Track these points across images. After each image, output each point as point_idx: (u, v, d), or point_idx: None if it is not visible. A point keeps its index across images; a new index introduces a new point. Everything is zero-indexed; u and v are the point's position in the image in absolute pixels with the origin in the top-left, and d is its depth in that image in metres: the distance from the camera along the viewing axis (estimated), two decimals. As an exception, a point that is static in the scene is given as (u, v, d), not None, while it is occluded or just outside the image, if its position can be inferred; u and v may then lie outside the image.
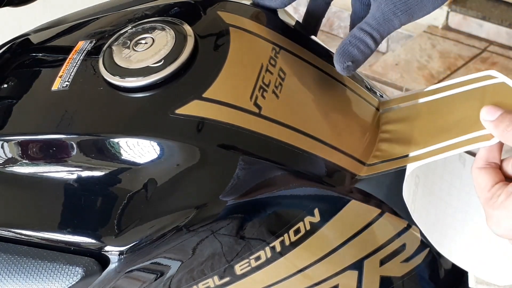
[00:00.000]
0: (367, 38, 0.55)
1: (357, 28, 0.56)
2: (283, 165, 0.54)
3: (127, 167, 0.54)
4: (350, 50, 0.55)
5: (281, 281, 0.59)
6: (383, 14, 0.54)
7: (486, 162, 0.52)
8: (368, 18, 0.55)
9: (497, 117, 0.51)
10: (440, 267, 0.67)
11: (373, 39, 0.55)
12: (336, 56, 0.56)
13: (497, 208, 0.50)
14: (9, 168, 0.57)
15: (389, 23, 0.55)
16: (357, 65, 0.56)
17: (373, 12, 0.55)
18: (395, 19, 0.54)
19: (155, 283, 0.57)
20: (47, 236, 0.55)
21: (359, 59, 0.55)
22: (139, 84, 0.54)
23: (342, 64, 0.55)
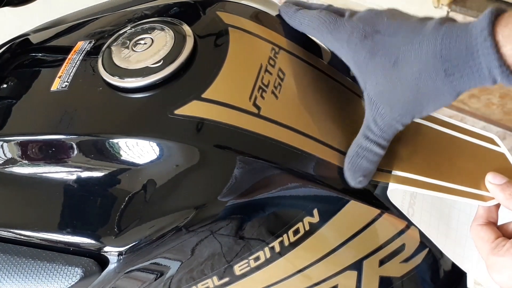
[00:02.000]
0: (373, 146, 0.54)
1: (362, 137, 0.54)
2: (282, 165, 0.54)
3: (127, 168, 0.54)
4: (360, 163, 0.55)
5: (281, 281, 0.59)
6: (384, 120, 0.52)
7: (487, 220, 0.56)
8: (369, 123, 0.53)
9: (503, 182, 0.54)
10: (439, 267, 0.67)
11: (379, 146, 0.54)
12: (347, 172, 0.55)
13: (502, 255, 0.52)
14: (9, 168, 0.57)
15: (392, 127, 0.53)
16: (370, 176, 0.56)
17: (373, 115, 0.53)
18: (396, 123, 0.52)
19: (154, 284, 0.57)
20: (46, 236, 0.55)
21: (371, 169, 0.55)
22: (138, 84, 0.54)
23: (355, 180, 0.55)
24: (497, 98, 1.84)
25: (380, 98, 0.52)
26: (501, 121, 1.75)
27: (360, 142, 0.54)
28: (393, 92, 0.51)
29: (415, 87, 0.50)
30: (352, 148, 0.55)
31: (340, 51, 0.54)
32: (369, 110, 0.53)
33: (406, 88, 0.50)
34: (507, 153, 0.58)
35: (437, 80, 0.49)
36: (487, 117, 1.75)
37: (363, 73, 0.53)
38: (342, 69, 0.64)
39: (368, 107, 0.53)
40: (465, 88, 0.49)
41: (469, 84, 0.48)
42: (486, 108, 1.80)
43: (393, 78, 0.51)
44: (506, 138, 1.71)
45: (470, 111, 1.80)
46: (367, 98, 0.53)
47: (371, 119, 0.53)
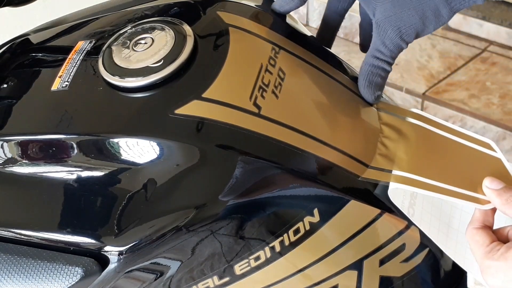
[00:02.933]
0: (384, 64, 0.60)
1: (372, 57, 0.60)
2: (283, 165, 0.54)
3: (127, 167, 0.54)
4: (375, 79, 0.60)
5: (281, 281, 0.59)
6: (392, 40, 0.58)
7: (483, 224, 0.57)
8: (378, 45, 0.59)
9: (500, 187, 0.56)
10: (440, 267, 0.67)
11: (389, 64, 0.60)
12: (364, 89, 0.61)
13: (497, 259, 0.53)
14: (9, 168, 0.57)
15: (399, 46, 0.59)
16: (382, 91, 0.62)
17: (381, 38, 0.59)
18: (403, 42, 0.59)
19: (154, 283, 0.57)
20: (46, 236, 0.55)
21: (383, 85, 0.61)
22: (139, 84, 0.54)
23: (372, 95, 0.61)
24: (497, 98, 1.84)
25: (389, 22, 0.58)
26: (501, 121, 1.75)
27: (371, 61, 0.60)
28: (401, 16, 0.57)
29: (420, 11, 0.57)
30: (364, 68, 0.60)
31: None
32: (377, 35, 0.59)
33: (413, 12, 0.57)
34: (503, 158, 0.59)
35: (438, 3, 0.57)
36: (487, 117, 1.76)
37: (372, 2, 0.58)
38: (342, 68, 0.64)
39: (377, 31, 0.59)
40: (460, 7, 0.58)
41: (463, 4, 0.57)
42: (486, 108, 1.80)
43: (401, 4, 0.57)
44: (506, 138, 1.72)
45: (470, 111, 1.80)
46: (375, 24, 0.59)
47: (380, 42, 0.59)
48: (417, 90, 1.92)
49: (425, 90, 1.91)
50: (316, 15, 2.28)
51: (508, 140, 1.73)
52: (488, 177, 0.57)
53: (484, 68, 1.96)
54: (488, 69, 1.95)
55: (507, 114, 1.76)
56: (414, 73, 1.98)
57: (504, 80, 1.90)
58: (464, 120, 1.79)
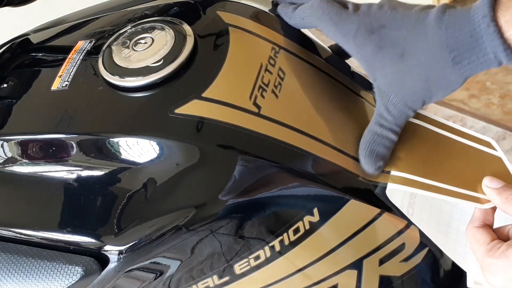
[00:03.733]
0: (388, 133, 0.56)
1: (376, 124, 0.56)
2: (282, 164, 0.54)
3: (127, 167, 0.54)
4: (377, 149, 0.56)
5: (281, 280, 0.59)
6: (396, 107, 0.54)
7: (483, 223, 0.57)
8: (382, 112, 0.55)
9: (500, 186, 0.56)
10: (439, 266, 0.67)
11: (394, 132, 0.56)
12: (365, 159, 0.57)
13: (498, 257, 0.53)
14: (9, 167, 0.58)
15: (405, 114, 0.55)
16: (386, 162, 0.57)
17: (385, 104, 0.55)
18: (408, 110, 0.55)
19: (154, 283, 0.57)
20: (46, 235, 0.55)
21: (387, 155, 0.57)
22: (139, 83, 0.54)
23: (374, 166, 0.57)
24: (497, 98, 1.84)
25: (391, 88, 0.54)
26: (501, 121, 1.75)
27: (375, 130, 0.56)
28: (403, 82, 0.53)
29: (424, 77, 0.52)
30: (366, 136, 0.56)
31: (346, 45, 0.56)
32: (380, 99, 0.55)
33: (416, 78, 0.52)
34: (503, 157, 0.59)
35: (445, 69, 0.51)
36: (487, 117, 1.75)
37: (371, 66, 0.54)
38: (342, 68, 0.64)
39: (379, 96, 0.55)
40: (472, 73, 0.51)
41: (476, 70, 0.50)
42: (486, 108, 1.80)
43: (402, 70, 0.52)
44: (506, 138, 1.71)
45: (470, 111, 1.80)
46: (377, 88, 0.55)
47: (383, 108, 0.55)
48: (417, 90, 1.92)
49: (425, 90, 1.91)
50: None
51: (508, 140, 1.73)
52: (487, 176, 0.57)
53: (484, 68, 1.96)
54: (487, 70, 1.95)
55: (507, 114, 1.76)
56: (414, 73, 1.97)
57: (504, 80, 1.90)
58: (464, 120, 1.78)
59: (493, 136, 1.72)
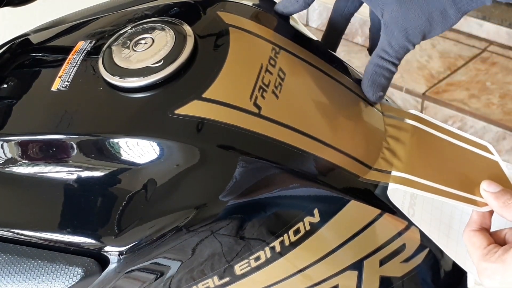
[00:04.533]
0: (389, 65, 0.59)
1: (377, 57, 0.59)
2: (283, 165, 0.54)
3: (127, 168, 0.54)
4: (378, 79, 0.60)
5: (281, 281, 0.59)
6: (398, 41, 0.58)
7: (480, 226, 0.57)
8: (384, 46, 0.59)
9: (498, 191, 0.57)
10: (440, 267, 0.67)
11: (394, 65, 0.59)
12: (367, 88, 0.60)
13: (494, 261, 0.54)
14: (9, 168, 0.57)
15: (405, 47, 0.58)
16: (385, 92, 0.61)
17: (387, 39, 0.58)
18: (409, 43, 0.58)
19: (155, 283, 0.57)
20: (47, 236, 0.55)
21: (387, 85, 0.60)
22: (139, 84, 0.54)
23: (375, 95, 0.60)
24: (497, 98, 1.84)
25: (395, 23, 0.57)
26: (501, 121, 1.75)
27: (376, 61, 0.59)
28: (407, 17, 0.57)
29: (427, 12, 0.57)
30: (369, 68, 0.60)
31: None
32: (385, 35, 0.59)
33: (419, 13, 0.57)
34: (500, 161, 0.60)
35: (445, 3, 0.56)
36: (487, 117, 1.76)
37: (379, 4, 0.58)
38: (342, 68, 0.64)
39: (384, 32, 0.59)
40: (468, 8, 0.56)
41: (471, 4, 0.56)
42: (486, 108, 1.80)
43: (406, 4, 0.57)
44: (506, 138, 1.72)
45: (470, 111, 1.80)
46: (383, 25, 0.59)
47: (386, 43, 0.58)
48: (417, 90, 1.92)
49: (425, 90, 1.91)
50: (316, 15, 2.28)
51: (508, 140, 1.73)
52: (485, 180, 0.57)
53: (484, 68, 1.96)
54: (488, 69, 1.95)
55: (507, 114, 1.76)
56: (414, 73, 1.98)
57: (504, 80, 1.90)
58: (464, 120, 1.78)
59: (493, 136, 1.72)
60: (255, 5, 0.63)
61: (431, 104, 1.88)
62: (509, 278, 0.53)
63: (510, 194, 0.56)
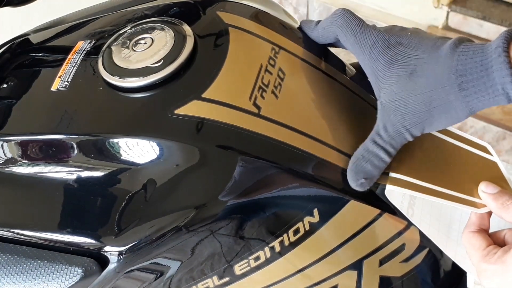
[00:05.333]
0: (380, 152, 0.55)
1: (370, 141, 0.55)
2: (282, 165, 0.54)
3: (127, 168, 0.54)
4: (364, 166, 0.55)
5: (281, 281, 0.59)
6: (394, 127, 0.53)
7: (479, 228, 0.57)
8: (379, 129, 0.55)
9: (496, 192, 0.56)
10: (439, 267, 0.67)
11: (386, 153, 0.55)
12: (349, 173, 0.55)
13: (493, 263, 0.54)
14: (9, 168, 0.58)
15: (401, 136, 0.54)
16: (372, 181, 0.56)
17: (383, 122, 0.54)
18: (406, 132, 0.53)
19: (154, 283, 0.57)
20: (46, 236, 0.55)
21: (374, 174, 0.55)
22: (139, 84, 0.54)
23: (356, 182, 0.55)
24: (497, 98, 1.83)
25: (393, 106, 0.53)
26: (501, 121, 1.75)
27: (367, 146, 0.55)
28: (406, 101, 0.52)
29: (428, 99, 0.51)
30: (358, 150, 0.56)
31: (361, 56, 0.56)
32: (381, 117, 0.54)
33: (420, 99, 0.51)
34: (499, 162, 0.60)
35: (450, 93, 0.50)
36: (487, 117, 1.75)
37: (379, 81, 0.54)
38: (342, 68, 0.64)
39: (380, 113, 0.54)
40: (478, 105, 0.50)
41: (482, 101, 0.49)
42: (486, 108, 1.79)
43: (408, 88, 0.52)
44: (506, 138, 1.71)
45: (470, 111, 1.79)
46: (380, 105, 0.54)
47: (382, 126, 0.54)
48: (417, 90, 1.92)
49: (425, 90, 1.91)
50: (316, 15, 2.28)
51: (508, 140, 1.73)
52: (484, 181, 0.57)
53: (484, 68, 1.96)
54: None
55: (507, 114, 1.76)
56: (414, 73, 1.97)
57: (504, 80, 1.90)
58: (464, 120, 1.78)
59: (493, 136, 1.72)
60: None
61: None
62: (509, 279, 0.53)
63: (509, 195, 0.56)
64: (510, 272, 0.53)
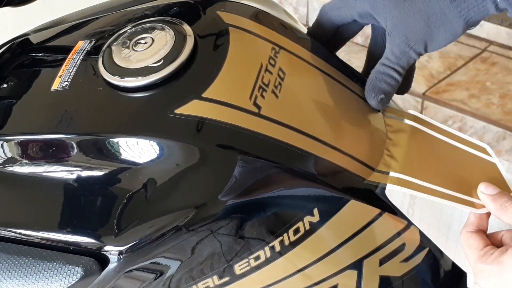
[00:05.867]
0: (390, 71, 0.58)
1: (379, 64, 0.59)
2: (283, 164, 0.54)
3: (127, 167, 0.54)
4: (379, 84, 0.59)
5: (281, 281, 0.59)
6: (399, 47, 0.57)
7: (477, 228, 0.58)
8: (387, 53, 0.58)
9: (495, 193, 0.56)
10: (439, 267, 0.67)
11: (396, 72, 0.58)
12: (368, 93, 0.60)
13: (490, 263, 0.54)
14: (9, 168, 0.57)
15: (407, 54, 0.57)
16: (389, 98, 0.60)
17: (390, 46, 0.58)
18: (411, 50, 0.57)
19: (154, 283, 0.57)
20: (46, 236, 0.55)
21: (389, 91, 0.59)
22: (139, 84, 0.54)
23: (375, 99, 0.59)
24: (497, 98, 1.83)
25: (396, 29, 0.57)
26: (501, 121, 1.74)
27: (378, 68, 0.59)
28: (406, 22, 0.56)
29: (425, 15, 0.55)
30: (371, 74, 0.60)
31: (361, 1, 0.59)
32: (388, 43, 0.58)
33: (417, 16, 0.55)
34: (498, 163, 0.60)
35: (443, 6, 0.54)
36: (487, 117, 1.75)
37: (381, 13, 0.57)
38: (342, 68, 0.64)
39: (387, 40, 0.58)
40: (470, 15, 0.53)
41: (473, 10, 0.53)
42: (486, 108, 1.80)
43: (406, 9, 0.56)
44: (506, 138, 1.71)
45: (470, 111, 1.80)
46: (387, 34, 0.58)
47: (389, 50, 0.58)
48: (417, 90, 1.91)
49: (425, 90, 1.91)
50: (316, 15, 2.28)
51: (508, 140, 1.73)
52: (483, 182, 0.57)
53: (484, 68, 1.96)
54: (488, 69, 1.95)
55: (507, 114, 1.76)
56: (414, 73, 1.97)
57: (504, 80, 1.90)
58: (464, 120, 1.78)
59: (493, 136, 1.72)
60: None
61: (431, 104, 1.87)
62: (505, 280, 0.53)
63: (508, 197, 0.56)
64: (506, 273, 0.53)
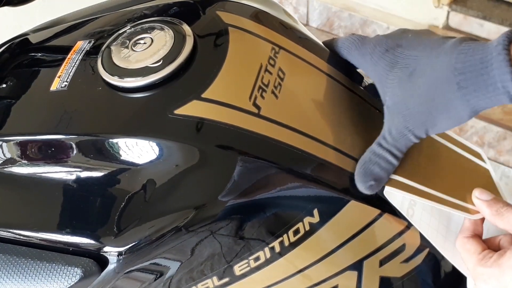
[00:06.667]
0: (386, 154, 0.55)
1: (376, 144, 0.55)
2: (283, 165, 0.54)
3: (126, 168, 0.54)
4: (371, 168, 0.55)
5: (281, 281, 0.59)
6: (397, 129, 0.53)
7: (473, 233, 0.57)
8: (384, 132, 0.55)
9: (490, 199, 0.56)
10: (440, 268, 0.67)
11: (392, 155, 0.55)
12: (357, 176, 0.55)
13: (489, 266, 0.54)
14: (8, 168, 0.57)
15: (405, 137, 0.53)
16: (380, 184, 0.55)
17: (388, 125, 0.54)
18: (409, 133, 0.53)
19: (154, 284, 0.57)
20: (46, 236, 0.55)
21: (382, 177, 0.55)
22: (138, 84, 0.54)
23: (364, 184, 0.55)
24: (497, 98, 1.83)
25: (396, 108, 0.53)
26: (501, 121, 1.74)
27: (373, 149, 0.55)
28: (407, 102, 0.52)
29: (428, 99, 0.51)
30: (365, 154, 0.56)
31: (364, 65, 0.56)
32: (386, 121, 0.54)
33: (420, 99, 0.51)
34: (491, 170, 0.60)
35: (449, 92, 0.49)
36: (487, 117, 1.75)
37: (383, 85, 0.54)
38: (342, 68, 0.64)
39: (386, 117, 0.54)
40: (479, 104, 0.48)
41: (483, 100, 0.48)
42: (486, 108, 1.79)
43: (408, 89, 0.52)
44: (506, 138, 1.71)
45: (470, 111, 1.79)
46: (385, 109, 0.54)
47: (387, 129, 0.54)
48: (417, 90, 1.92)
49: (426, 90, 1.91)
50: (316, 15, 2.28)
51: (508, 140, 1.73)
52: (478, 188, 0.57)
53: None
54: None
55: (507, 114, 1.76)
56: (414, 73, 1.97)
57: (504, 80, 1.90)
58: (465, 120, 1.78)
59: (493, 136, 1.72)
60: None
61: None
62: (505, 282, 0.53)
63: (502, 203, 0.56)
64: (506, 276, 0.53)
